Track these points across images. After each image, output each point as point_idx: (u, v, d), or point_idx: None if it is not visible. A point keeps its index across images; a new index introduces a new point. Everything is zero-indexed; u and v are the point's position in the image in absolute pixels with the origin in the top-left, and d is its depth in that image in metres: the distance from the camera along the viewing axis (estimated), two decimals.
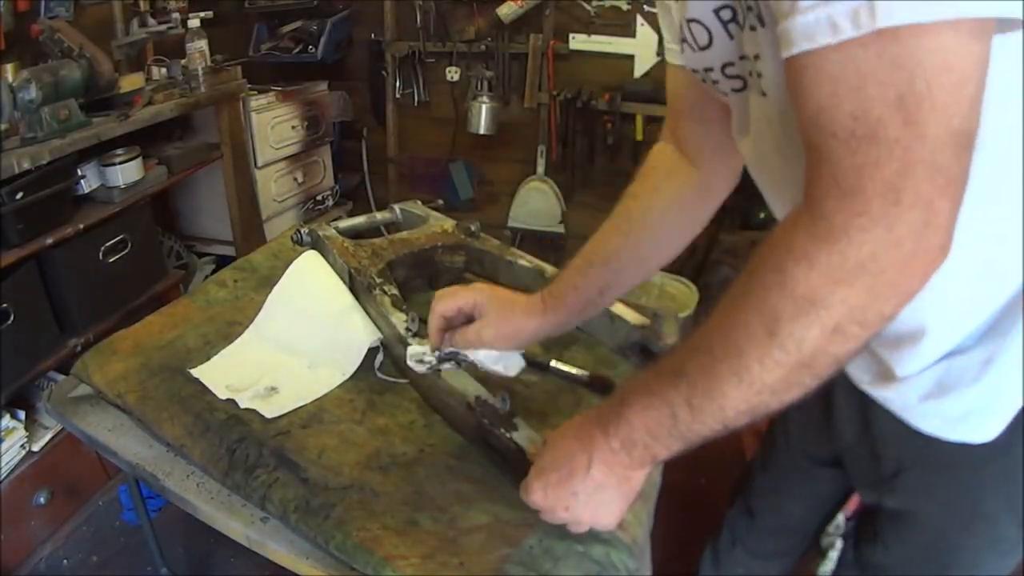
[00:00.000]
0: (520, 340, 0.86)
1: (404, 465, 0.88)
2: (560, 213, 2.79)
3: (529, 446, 0.79)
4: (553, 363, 1.05)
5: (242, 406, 0.97)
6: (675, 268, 2.61)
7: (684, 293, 2.47)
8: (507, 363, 0.86)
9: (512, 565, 0.73)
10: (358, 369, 1.05)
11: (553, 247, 2.90)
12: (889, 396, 0.70)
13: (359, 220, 1.40)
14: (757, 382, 0.50)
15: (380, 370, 1.04)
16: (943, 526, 0.76)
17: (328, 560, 0.79)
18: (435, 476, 0.86)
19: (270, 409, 0.97)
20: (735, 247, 2.27)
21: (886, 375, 0.69)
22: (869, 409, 0.74)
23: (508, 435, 0.81)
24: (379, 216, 1.46)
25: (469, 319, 0.85)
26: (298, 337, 1.11)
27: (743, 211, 2.43)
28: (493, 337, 0.84)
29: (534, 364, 0.92)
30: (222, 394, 0.99)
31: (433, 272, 1.25)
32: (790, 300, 0.46)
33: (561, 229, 2.81)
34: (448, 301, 0.85)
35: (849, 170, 0.42)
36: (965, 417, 0.65)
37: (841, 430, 0.83)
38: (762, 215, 2.30)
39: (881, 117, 0.41)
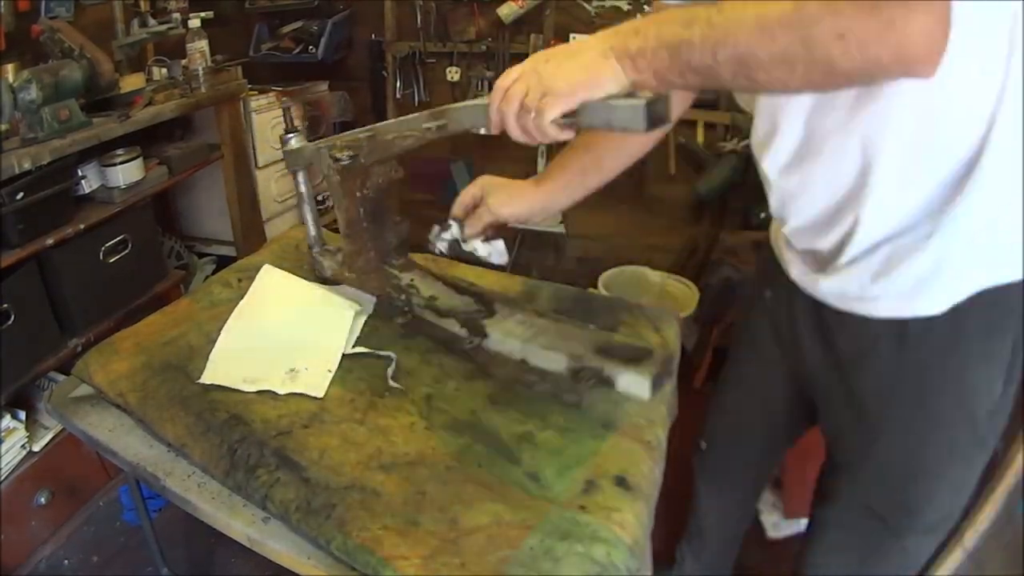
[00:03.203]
0: (519, 208, 1.05)
1: (405, 465, 0.88)
2: (560, 213, 2.79)
3: None
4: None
5: (282, 393, 0.98)
6: (676, 268, 2.62)
7: (684, 293, 2.47)
8: (492, 250, 1.06)
9: (513, 566, 0.73)
10: (360, 370, 1.05)
11: (553, 247, 2.90)
12: (844, 283, 0.81)
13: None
14: (764, 23, 0.59)
15: (393, 379, 1.03)
16: (903, 439, 0.85)
17: (329, 560, 0.79)
18: (436, 477, 0.86)
19: (313, 388, 0.99)
20: (736, 247, 2.27)
21: (837, 264, 0.80)
22: (830, 331, 0.87)
23: None
24: None
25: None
26: (278, 327, 1.12)
27: (743, 211, 2.44)
28: (498, 205, 1.03)
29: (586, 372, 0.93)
30: (248, 388, 0.99)
31: None
32: None
33: (561, 229, 2.80)
34: (463, 195, 1.07)
35: None
36: (915, 291, 0.75)
37: (807, 358, 0.95)
38: (762, 215, 2.30)
39: None
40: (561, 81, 0.71)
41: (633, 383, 0.86)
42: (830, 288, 0.84)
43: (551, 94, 0.71)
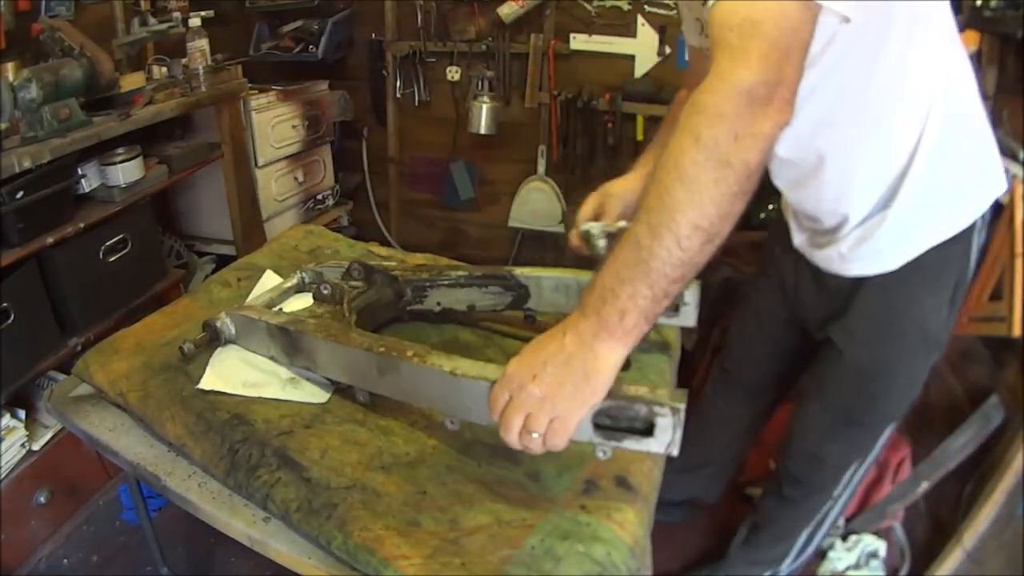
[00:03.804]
0: (635, 184, 1.12)
1: (406, 465, 0.88)
2: (560, 213, 2.79)
3: None
4: None
5: (291, 399, 0.97)
6: None
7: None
8: None
9: (513, 565, 0.73)
10: None
11: (553, 247, 2.90)
12: (829, 254, 1.08)
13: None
14: (695, 183, 0.64)
15: None
16: (871, 346, 1.11)
17: (330, 560, 0.79)
18: (436, 476, 0.86)
19: (316, 396, 0.98)
20: (735, 247, 2.27)
21: (827, 243, 1.07)
22: (820, 278, 1.13)
23: None
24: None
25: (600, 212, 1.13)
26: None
27: (744, 212, 2.43)
28: (615, 206, 1.11)
29: None
30: (250, 393, 0.98)
31: None
32: (703, 116, 0.65)
33: (561, 229, 2.81)
34: (585, 209, 1.15)
35: (738, 45, 0.65)
36: (874, 257, 1.02)
37: (803, 298, 1.21)
38: (762, 215, 2.30)
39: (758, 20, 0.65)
40: (565, 403, 0.68)
41: (683, 318, 1.12)
42: (819, 258, 1.11)
43: (561, 418, 0.68)
